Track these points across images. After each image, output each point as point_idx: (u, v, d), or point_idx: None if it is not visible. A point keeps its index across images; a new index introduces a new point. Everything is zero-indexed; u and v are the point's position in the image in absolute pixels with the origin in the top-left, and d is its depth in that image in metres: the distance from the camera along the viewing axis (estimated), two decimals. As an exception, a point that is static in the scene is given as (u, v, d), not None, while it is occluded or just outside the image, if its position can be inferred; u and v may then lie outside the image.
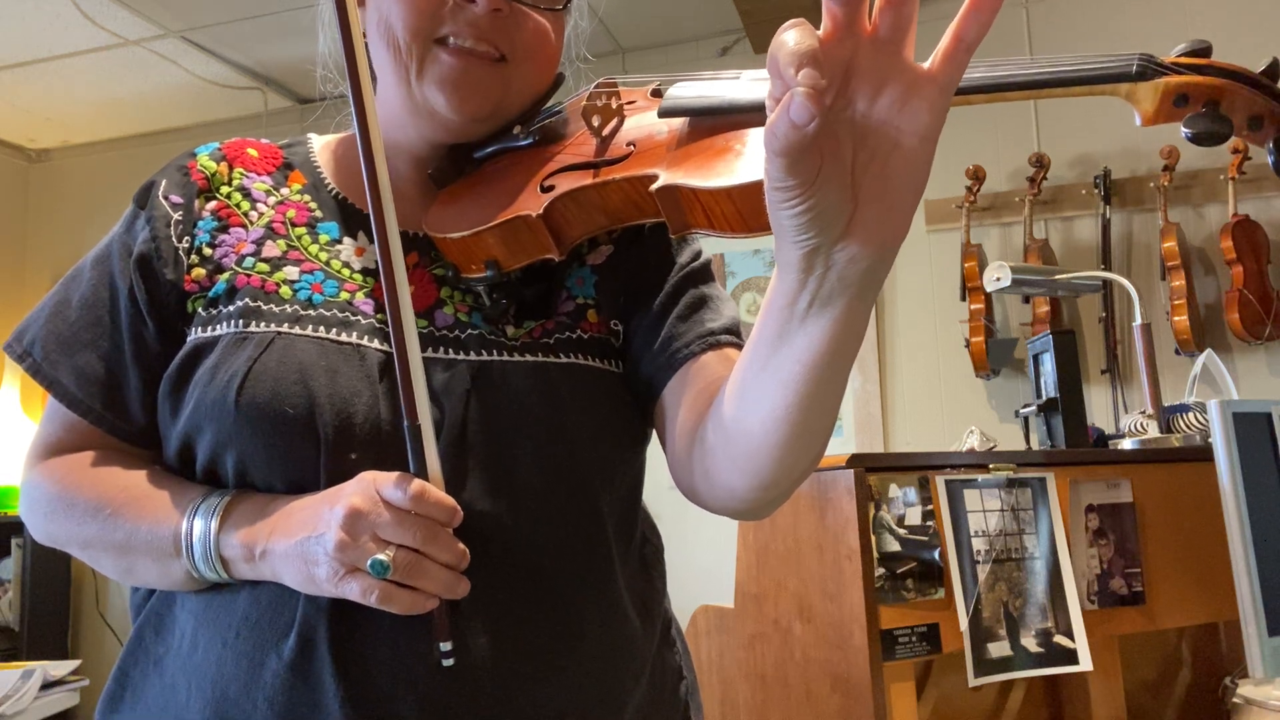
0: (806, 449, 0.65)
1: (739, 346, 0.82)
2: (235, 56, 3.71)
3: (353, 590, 0.67)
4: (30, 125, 4.24)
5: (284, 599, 0.71)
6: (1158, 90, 0.61)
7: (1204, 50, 0.62)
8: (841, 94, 0.48)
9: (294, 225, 0.82)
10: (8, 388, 3.98)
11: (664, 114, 0.75)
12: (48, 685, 1.97)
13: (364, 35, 0.80)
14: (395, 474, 0.68)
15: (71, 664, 2.06)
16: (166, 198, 0.82)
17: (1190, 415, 1.82)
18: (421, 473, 0.69)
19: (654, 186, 0.70)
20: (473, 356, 0.77)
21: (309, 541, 0.67)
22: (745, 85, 0.72)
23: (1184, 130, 0.61)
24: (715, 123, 0.72)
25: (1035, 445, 2.07)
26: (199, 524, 0.72)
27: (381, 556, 0.65)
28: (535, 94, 0.83)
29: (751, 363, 0.63)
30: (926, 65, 0.48)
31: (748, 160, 0.67)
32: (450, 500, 0.69)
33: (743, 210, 0.66)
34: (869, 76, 0.48)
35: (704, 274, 0.86)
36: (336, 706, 0.68)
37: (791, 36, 0.45)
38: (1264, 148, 0.63)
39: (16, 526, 3.80)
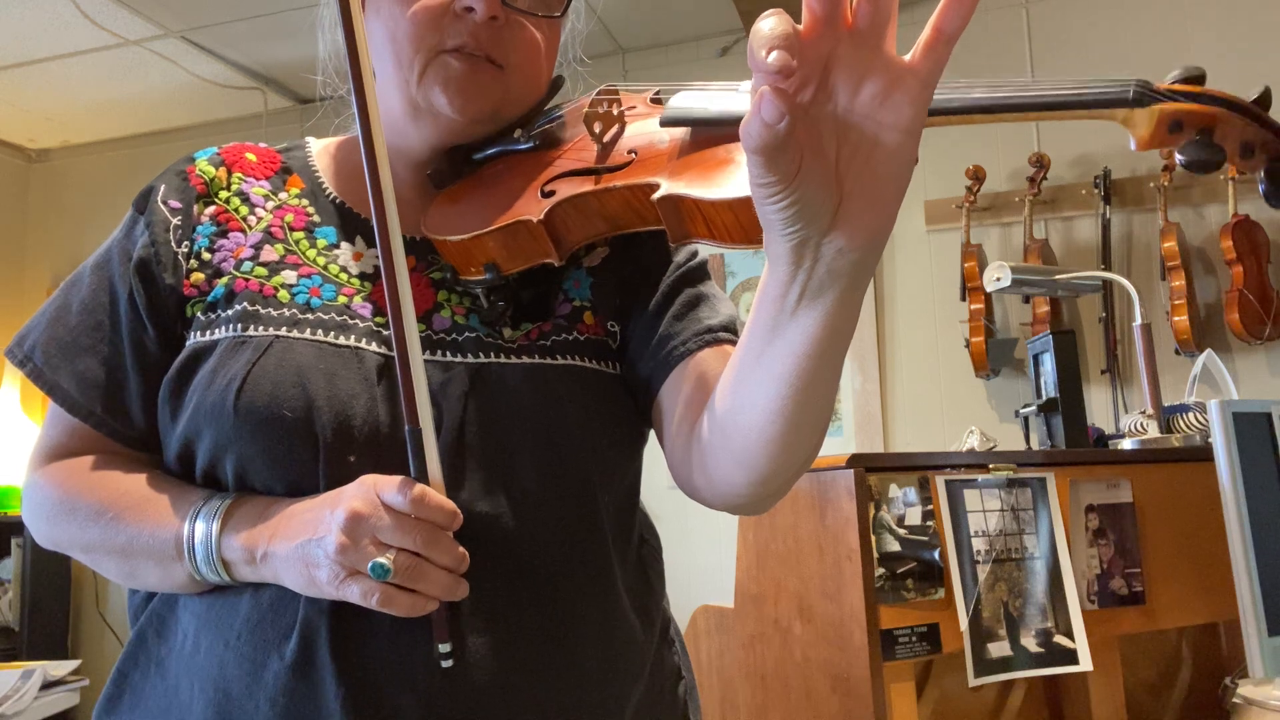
0: (803, 443, 0.65)
1: (736, 344, 0.82)
2: (235, 56, 3.71)
3: (353, 593, 0.67)
4: (30, 125, 4.24)
5: (285, 601, 0.71)
6: (1153, 116, 0.61)
7: (1198, 77, 0.63)
8: (822, 88, 0.49)
9: (292, 230, 0.82)
10: (7, 389, 3.98)
11: (666, 123, 0.75)
12: (48, 685, 1.98)
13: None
14: (396, 478, 0.68)
15: (71, 664, 2.06)
16: (165, 203, 0.82)
17: (1190, 415, 1.82)
18: (422, 476, 0.69)
19: (656, 195, 0.70)
20: (470, 359, 0.77)
21: (310, 544, 0.68)
22: (746, 97, 0.72)
23: (1178, 156, 0.62)
24: (716, 134, 0.72)
25: (1035, 445, 2.07)
26: (201, 527, 0.72)
27: (382, 560, 0.66)
28: (530, 100, 0.84)
29: (745, 357, 0.63)
30: (907, 58, 0.48)
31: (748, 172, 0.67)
32: (450, 504, 0.69)
33: (743, 221, 0.66)
34: (849, 70, 0.48)
35: (700, 273, 0.87)
36: (337, 707, 0.68)
37: (766, 24, 0.45)
38: (1256, 175, 0.63)
39: (16, 526, 3.80)
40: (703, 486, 0.75)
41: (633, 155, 0.76)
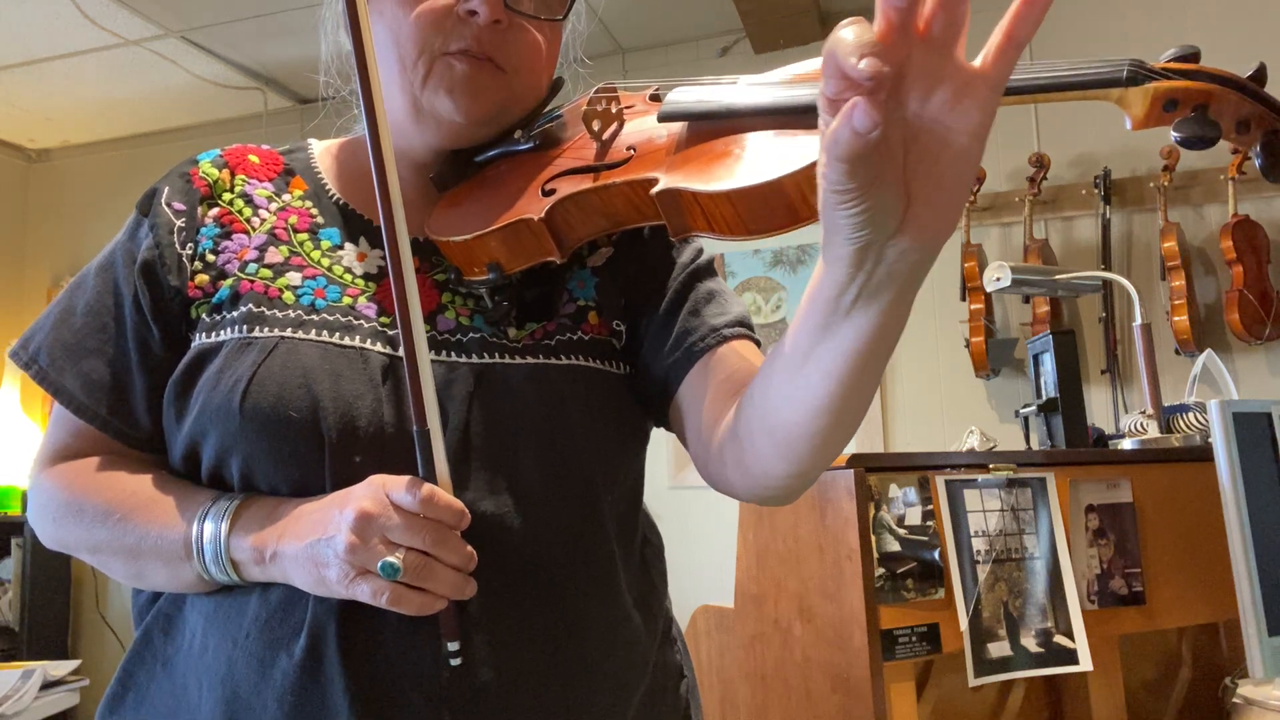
0: (845, 434, 0.66)
1: (751, 339, 0.83)
2: (235, 56, 3.71)
3: (363, 592, 0.67)
4: (30, 125, 4.24)
5: (294, 600, 0.71)
6: (1148, 95, 0.62)
7: (1193, 55, 0.63)
8: (894, 95, 0.49)
9: (296, 231, 0.82)
10: (8, 389, 3.98)
11: (663, 119, 0.75)
12: (48, 685, 1.98)
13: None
14: (405, 478, 0.69)
15: (71, 664, 2.07)
16: (169, 204, 0.82)
17: (1190, 415, 1.82)
18: (430, 477, 0.70)
19: (655, 190, 0.70)
20: (475, 359, 0.78)
21: (319, 544, 0.68)
22: (743, 90, 0.73)
23: (1174, 134, 0.62)
24: (714, 127, 0.72)
25: (1035, 445, 2.07)
26: (209, 527, 0.72)
27: (392, 559, 0.66)
28: (531, 102, 0.84)
29: (792, 354, 0.63)
30: (977, 63, 0.49)
31: (746, 164, 0.67)
32: (459, 504, 0.69)
33: (742, 213, 0.67)
34: (922, 77, 0.48)
35: (709, 270, 0.87)
36: (346, 705, 0.69)
37: (850, 32, 0.45)
38: (1251, 151, 0.64)
39: (17, 526, 3.81)
40: (736, 479, 0.75)
41: (631, 152, 0.76)
